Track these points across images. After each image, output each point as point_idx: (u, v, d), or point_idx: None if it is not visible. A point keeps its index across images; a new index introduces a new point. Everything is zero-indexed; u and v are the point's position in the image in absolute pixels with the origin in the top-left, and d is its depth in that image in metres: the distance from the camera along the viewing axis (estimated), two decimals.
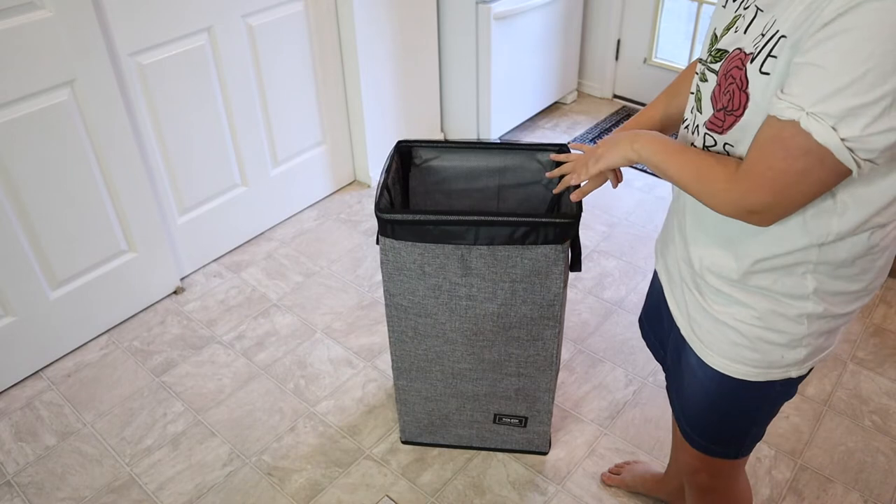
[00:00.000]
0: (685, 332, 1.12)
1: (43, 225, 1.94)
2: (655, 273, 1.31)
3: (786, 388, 1.08)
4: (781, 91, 0.80)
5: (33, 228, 1.92)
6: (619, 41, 3.35)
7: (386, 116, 2.80)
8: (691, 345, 1.11)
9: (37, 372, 2.08)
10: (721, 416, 1.14)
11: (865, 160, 0.77)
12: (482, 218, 1.37)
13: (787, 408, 1.90)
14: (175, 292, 2.35)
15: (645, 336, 1.42)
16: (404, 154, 1.65)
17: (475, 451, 1.82)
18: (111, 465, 1.81)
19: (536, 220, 1.36)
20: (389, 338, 1.61)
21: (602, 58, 3.40)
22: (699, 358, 1.09)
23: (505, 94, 2.97)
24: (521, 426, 1.74)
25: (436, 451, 1.83)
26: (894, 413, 1.89)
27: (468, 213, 1.38)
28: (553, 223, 1.36)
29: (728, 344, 1.04)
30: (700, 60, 1.01)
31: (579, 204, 1.39)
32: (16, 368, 2.03)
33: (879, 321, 2.17)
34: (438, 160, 1.66)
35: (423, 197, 1.71)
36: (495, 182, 1.67)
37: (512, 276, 1.44)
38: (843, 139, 0.76)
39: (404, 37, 2.71)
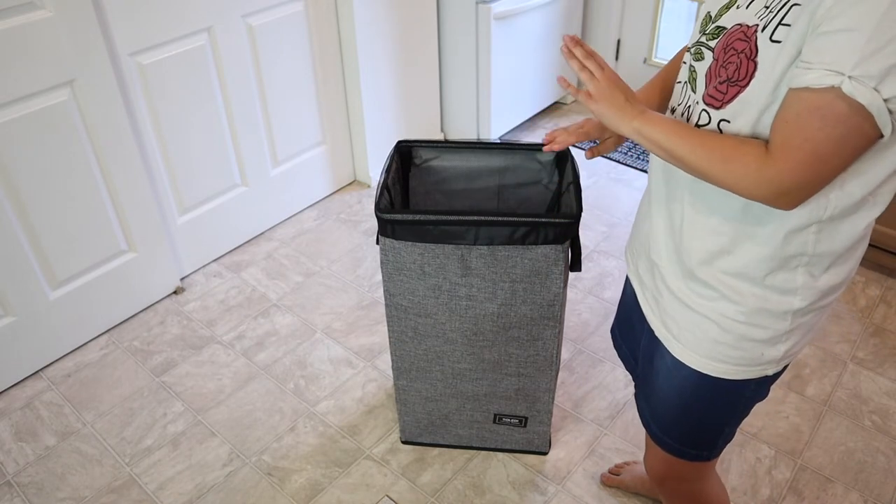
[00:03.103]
0: (660, 332, 1.11)
1: (43, 225, 1.94)
2: (627, 281, 1.30)
3: (760, 388, 1.09)
4: (806, 62, 0.79)
5: (33, 228, 1.92)
6: (619, 41, 3.35)
7: (386, 116, 2.80)
8: (666, 345, 1.10)
9: (37, 372, 2.08)
10: (696, 416, 1.14)
11: None
12: (482, 218, 1.37)
13: (787, 408, 1.90)
14: (175, 292, 2.35)
15: (617, 347, 1.42)
16: (404, 154, 1.65)
17: (475, 451, 1.82)
18: (111, 465, 1.81)
19: (536, 220, 1.36)
20: (389, 338, 1.61)
21: (602, 58, 3.40)
22: (675, 358, 1.09)
23: (505, 94, 2.97)
24: (521, 426, 1.74)
25: (436, 451, 1.83)
26: (894, 413, 1.89)
27: (468, 213, 1.38)
28: (553, 223, 1.36)
29: (708, 342, 1.03)
30: (688, 47, 1.01)
31: (579, 204, 1.40)
32: (16, 368, 2.03)
33: (879, 321, 2.17)
34: (438, 160, 1.66)
35: (423, 197, 1.71)
36: (495, 182, 1.67)
37: (512, 276, 1.44)
38: (885, 100, 0.75)
39: (404, 37, 2.71)
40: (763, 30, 0.84)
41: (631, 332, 1.30)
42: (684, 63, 1.02)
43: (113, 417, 1.93)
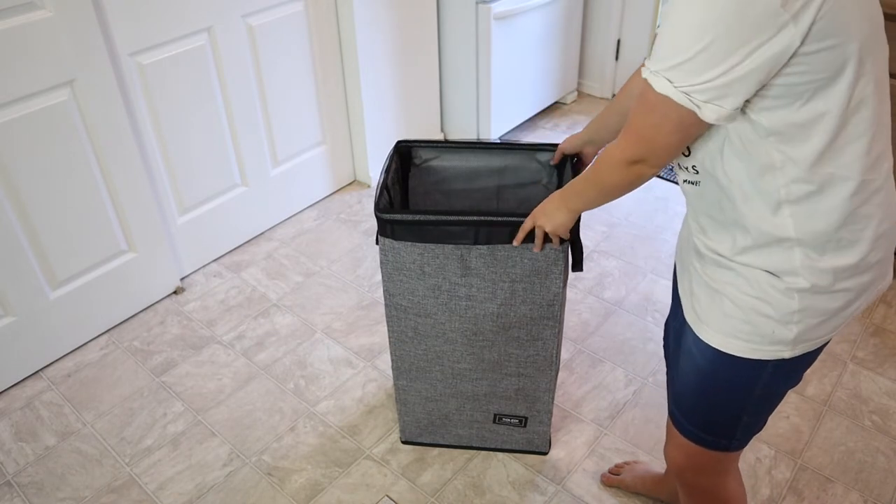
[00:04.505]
0: (687, 313, 1.15)
1: (43, 225, 1.94)
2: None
3: (779, 372, 1.09)
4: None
5: (33, 228, 1.92)
6: (619, 41, 3.35)
7: (386, 116, 2.80)
8: (691, 324, 1.13)
9: (37, 372, 2.08)
10: (712, 397, 1.15)
11: (705, 102, 0.88)
12: (482, 218, 1.37)
13: (787, 408, 1.90)
14: (175, 292, 2.35)
15: (665, 336, 1.45)
16: (404, 154, 1.65)
17: (475, 451, 1.82)
18: (111, 465, 1.81)
19: None
20: (389, 338, 1.61)
21: (602, 58, 3.40)
22: (696, 335, 1.12)
23: (505, 94, 2.97)
24: (521, 426, 1.74)
25: (436, 451, 1.83)
26: (894, 413, 1.89)
27: (468, 214, 1.38)
28: None
29: (722, 316, 1.06)
30: None
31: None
32: (16, 368, 2.03)
33: (879, 321, 2.17)
34: (438, 160, 1.66)
35: (423, 197, 1.70)
36: (495, 182, 1.67)
37: (511, 276, 1.44)
38: (676, 87, 0.89)
39: (404, 37, 2.71)
40: None
41: (675, 318, 1.35)
42: None
43: (113, 417, 1.93)
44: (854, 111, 0.90)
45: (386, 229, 1.42)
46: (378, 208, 1.41)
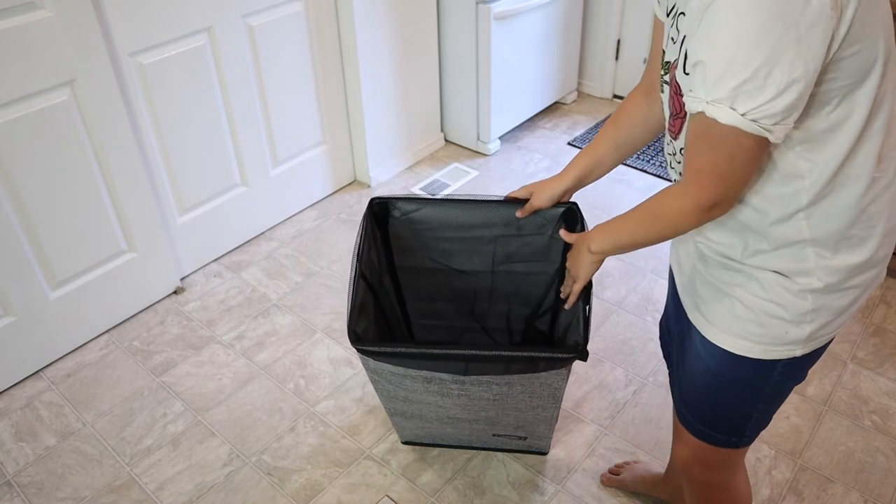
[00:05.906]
0: (691, 314, 1.14)
1: (43, 225, 1.94)
2: (671, 271, 1.32)
3: (790, 370, 1.08)
4: (689, 91, 0.88)
5: (33, 228, 1.92)
6: (619, 41, 3.35)
7: (386, 116, 2.80)
8: (696, 325, 1.12)
9: (37, 372, 2.08)
10: (723, 397, 1.14)
11: (775, 125, 0.83)
12: (473, 352, 1.27)
13: (787, 408, 1.90)
14: (175, 292, 2.35)
15: (661, 335, 1.44)
16: (378, 213, 1.55)
17: (475, 451, 1.82)
18: (111, 465, 1.81)
19: (534, 354, 1.30)
20: (378, 396, 1.57)
21: (602, 58, 3.40)
22: (703, 337, 1.11)
23: (505, 94, 2.97)
24: (521, 440, 1.73)
25: (436, 451, 1.83)
26: (894, 413, 1.89)
27: (457, 346, 1.28)
28: (556, 358, 1.22)
29: (732, 318, 1.05)
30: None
31: (586, 334, 1.28)
32: (16, 368, 2.03)
33: (879, 321, 2.17)
34: (420, 212, 1.56)
35: (409, 241, 1.60)
36: (490, 232, 1.57)
37: (508, 379, 1.38)
38: (743, 115, 0.82)
39: (404, 37, 2.71)
40: (677, 65, 0.93)
41: (673, 317, 1.33)
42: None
43: (113, 417, 1.93)
44: (876, 110, 0.89)
45: (365, 354, 1.32)
46: (353, 334, 1.28)
